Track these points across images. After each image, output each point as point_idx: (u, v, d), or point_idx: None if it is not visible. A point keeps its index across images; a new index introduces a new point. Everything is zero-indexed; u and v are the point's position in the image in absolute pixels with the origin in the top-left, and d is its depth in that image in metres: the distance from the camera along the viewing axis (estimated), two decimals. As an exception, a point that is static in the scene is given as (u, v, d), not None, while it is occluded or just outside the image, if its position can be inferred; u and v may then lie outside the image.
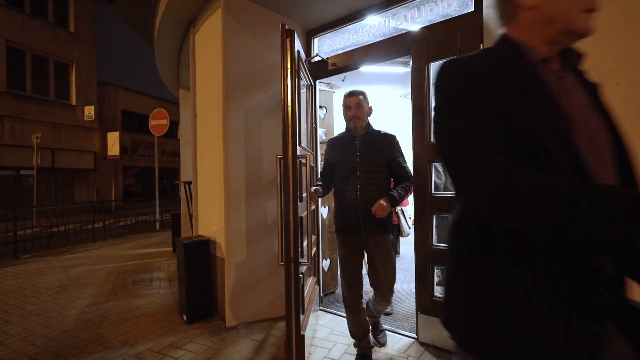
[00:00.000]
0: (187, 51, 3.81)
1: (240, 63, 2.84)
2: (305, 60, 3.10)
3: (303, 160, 2.16)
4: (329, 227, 3.56)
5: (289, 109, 2.00)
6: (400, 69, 4.31)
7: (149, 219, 9.02)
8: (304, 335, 2.07)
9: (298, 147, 2.08)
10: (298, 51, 2.15)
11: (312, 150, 3.02)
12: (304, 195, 2.24)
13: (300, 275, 2.11)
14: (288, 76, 2.02)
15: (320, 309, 3.08)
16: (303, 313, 2.20)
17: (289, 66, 2.02)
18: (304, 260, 2.13)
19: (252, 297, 2.87)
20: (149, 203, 9.69)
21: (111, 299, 3.56)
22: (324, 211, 3.48)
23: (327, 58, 2.99)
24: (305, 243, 2.26)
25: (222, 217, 2.84)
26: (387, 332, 2.56)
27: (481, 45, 2.11)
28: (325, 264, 3.44)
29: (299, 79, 2.18)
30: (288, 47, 2.02)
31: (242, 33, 2.85)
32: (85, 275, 4.48)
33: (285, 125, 2.01)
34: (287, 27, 2.03)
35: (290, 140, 2.00)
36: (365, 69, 3.42)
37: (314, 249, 2.93)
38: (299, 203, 2.05)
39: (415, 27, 2.50)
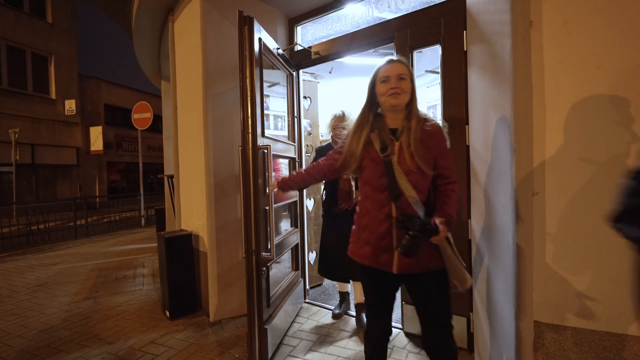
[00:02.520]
0: (167, 41, 3.68)
1: (220, 52, 2.75)
2: (285, 49, 3.02)
3: (265, 151, 2.09)
4: (315, 219, 3.52)
5: (249, 98, 1.96)
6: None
7: (134, 215, 8.84)
8: (267, 329, 2.05)
9: (260, 137, 2.04)
10: (260, 38, 2.07)
11: (295, 142, 2.96)
12: (267, 188, 2.17)
13: (264, 269, 2.07)
14: (247, 65, 1.96)
15: (305, 302, 3.05)
16: (268, 306, 2.16)
17: (247, 54, 1.96)
18: (267, 254, 2.07)
19: (236, 291, 2.82)
20: (134, 199, 9.50)
21: (92, 296, 3.46)
22: (309, 203, 3.43)
23: (309, 47, 2.92)
24: (276, 237, 2.21)
25: (204, 210, 2.77)
26: None
27: (464, 31, 2.07)
28: (311, 256, 3.40)
29: (261, 67, 2.10)
30: (246, 35, 1.96)
31: (222, 21, 2.76)
32: (65, 273, 4.36)
33: (244, 115, 1.97)
34: (245, 14, 1.96)
35: (250, 131, 1.97)
36: (351, 60, 3.36)
37: (296, 242, 2.89)
38: (261, 195, 2.01)
39: (398, 15, 2.45)
